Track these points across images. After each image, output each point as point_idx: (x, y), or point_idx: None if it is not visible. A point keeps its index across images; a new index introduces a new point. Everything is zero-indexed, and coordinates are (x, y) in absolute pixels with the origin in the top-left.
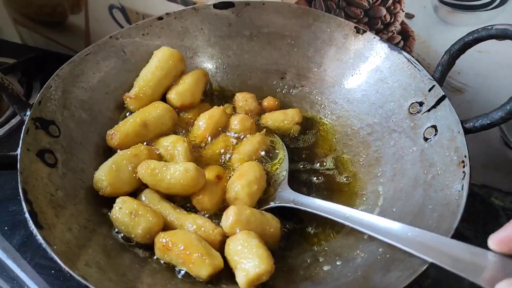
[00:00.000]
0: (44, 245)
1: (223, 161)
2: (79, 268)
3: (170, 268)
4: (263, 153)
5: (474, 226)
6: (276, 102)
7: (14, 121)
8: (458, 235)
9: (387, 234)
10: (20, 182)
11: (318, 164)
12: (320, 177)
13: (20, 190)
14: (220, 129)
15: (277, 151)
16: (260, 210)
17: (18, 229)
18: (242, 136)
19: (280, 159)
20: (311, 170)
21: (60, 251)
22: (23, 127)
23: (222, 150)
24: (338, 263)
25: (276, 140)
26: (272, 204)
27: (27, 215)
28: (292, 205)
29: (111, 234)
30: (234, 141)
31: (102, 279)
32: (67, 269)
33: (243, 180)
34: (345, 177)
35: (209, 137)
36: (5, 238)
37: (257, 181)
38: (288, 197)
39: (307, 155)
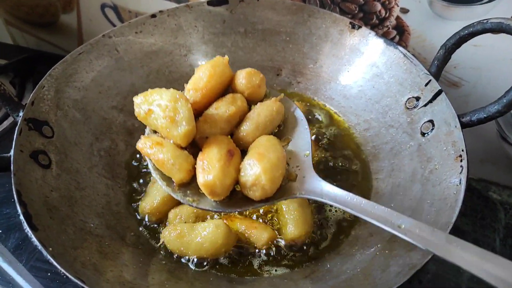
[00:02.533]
0: (40, 247)
1: (229, 131)
2: (75, 270)
3: (169, 268)
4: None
5: (472, 220)
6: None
7: (6, 123)
8: (456, 229)
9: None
10: (14, 184)
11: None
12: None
13: (14, 192)
14: (223, 86)
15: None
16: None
17: (12, 232)
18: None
19: (287, 137)
20: None
21: (55, 252)
22: (16, 128)
23: (228, 112)
24: (337, 260)
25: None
26: (298, 195)
27: (21, 217)
28: (325, 200)
29: (107, 235)
30: (245, 104)
31: (99, 280)
32: (63, 270)
33: (264, 162)
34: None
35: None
36: (0, 242)
37: (280, 164)
38: (318, 187)
39: None
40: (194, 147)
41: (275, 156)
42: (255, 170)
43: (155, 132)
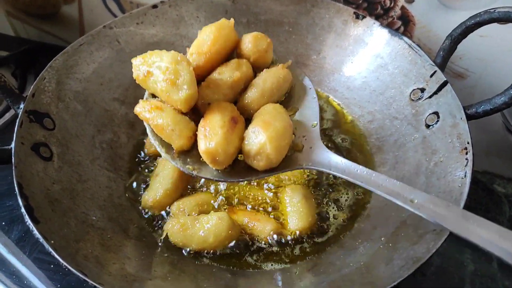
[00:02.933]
0: (41, 239)
1: (233, 97)
2: (77, 263)
3: (171, 261)
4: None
5: (476, 213)
6: None
7: (8, 115)
8: None
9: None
10: (15, 176)
11: None
12: None
13: (16, 185)
14: (228, 51)
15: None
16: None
17: (16, 224)
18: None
19: (294, 106)
20: None
21: (57, 245)
22: (17, 121)
23: (232, 77)
24: (340, 253)
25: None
26: (304, 166)
27: (23, 209)
28: (333, 172)
29: (109, 228)
30: (251, 70)
31: (101, 273)
32: (65, 263)
33: (270, 130)
34: None
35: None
36: (4, 233)
37: (286, 133)
38: (326, 159)
39: None
40: (195, 113)
41: (281, 124)
42: (260, 138)
43: (154, 96)
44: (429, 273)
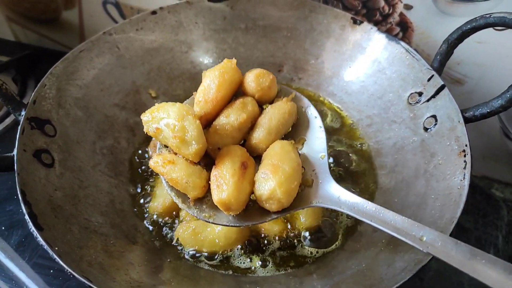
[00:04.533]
0: (45, 246)
1: (241, 138)
2: (82, 269)
3: (174, 266)
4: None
5: (474, 218)
6: None
7: (8, 121)
8: (458, 227)
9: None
10: (18, 183)
11: None
12: None
13: (19, 192)
14: (233, 92)
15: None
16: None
17: (15, 229)
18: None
19: (302, 137)
20: None
21: (62, 252)
22: (19, 128)
23: (239, 119)
24: (342, 255)
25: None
26: (315, 204)
27: (26, 217)
28: (342, 210)
29: (112, 234)
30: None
31: (105, 279)
32: (69, 270)
33: (279, 174)
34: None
35: (221, 101)
36: (3, 239)
37: (296, 174)
38: (335, 195)
39: None
40: (207, 157)
41: (290, 166)
42: (270, 184)
43: (166, 146)
44: (427, 278)
